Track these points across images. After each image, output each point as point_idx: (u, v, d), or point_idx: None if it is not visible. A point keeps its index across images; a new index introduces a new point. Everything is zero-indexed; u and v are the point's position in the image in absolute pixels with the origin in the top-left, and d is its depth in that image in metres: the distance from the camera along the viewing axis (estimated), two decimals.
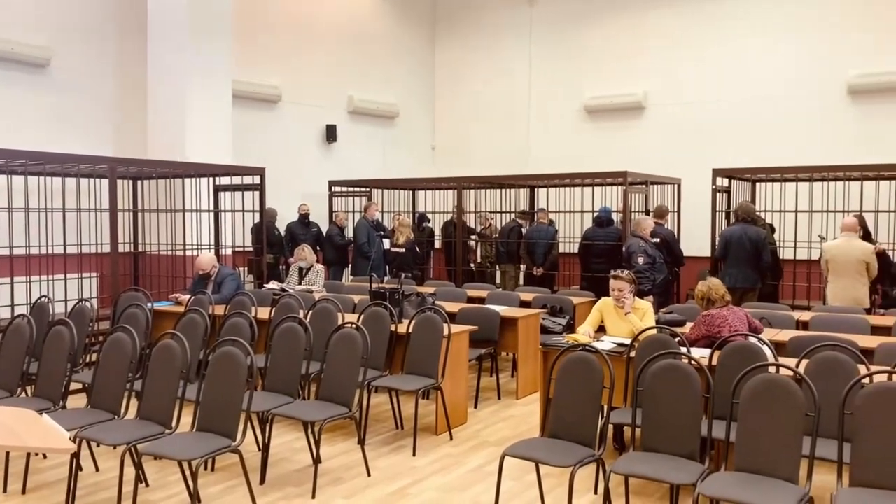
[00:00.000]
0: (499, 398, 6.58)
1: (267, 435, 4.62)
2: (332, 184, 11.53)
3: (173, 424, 4.14)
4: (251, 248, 9.19)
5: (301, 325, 4.99)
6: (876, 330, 5.87)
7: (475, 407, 6.25)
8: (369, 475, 4.67)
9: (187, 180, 8.46)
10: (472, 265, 11.13)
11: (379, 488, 4.49)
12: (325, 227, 10.91)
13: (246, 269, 9.41)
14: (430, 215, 12.03)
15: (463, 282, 9.74)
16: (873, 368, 3.90)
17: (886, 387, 3.34)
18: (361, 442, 4.83)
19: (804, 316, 6.27)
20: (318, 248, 10.44)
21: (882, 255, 7.78)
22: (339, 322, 5.54)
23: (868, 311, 6.97)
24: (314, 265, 8.19)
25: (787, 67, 10.68)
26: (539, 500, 4.19)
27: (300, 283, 8.08)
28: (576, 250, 9.66)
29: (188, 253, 8.45)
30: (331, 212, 11.40)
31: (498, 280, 10.72)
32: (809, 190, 8.42)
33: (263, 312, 6.46)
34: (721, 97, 11.18)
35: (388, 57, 13.11)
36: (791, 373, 3.64)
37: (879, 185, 8.20)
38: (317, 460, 4.53)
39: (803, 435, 3.36)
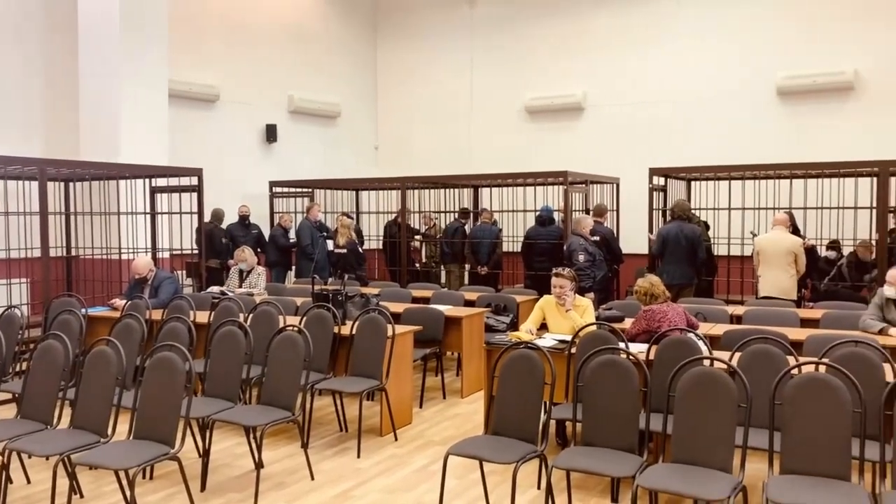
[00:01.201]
0: (444, 397, 6.60)
1: (207, 441, 4.53)
2: (272, 184, 11.39)
3: (109, 433, 4.03)
4: (191, 251, 8.99)
5: (241, 328, 4.91)
6: (805, 322, 6.09)
7: (420, 407, 6.25)
8: (313, 479, 4.63)
9: (122, 182, 8.24)
10: (416, 265, 11.14)
11: (323, 491, 4.46)
12: (265, 229, 10.76)
13: (184, 272, 9.20)
14: (375, 215, 11.97)
15: (408, 282, 9.73)
16: (801, 360, 4.04)
17: (813, 377, 3.47)
18: (305, 445, 4.78)
19: (738, 310, 6.47)
20: (259, 249, 10.30)
21: (810, 251, 8.09)
22: (281, 325, 5.48)
23: (797, 304, 7.24)
24: (255, 267, 8.07)
25: (719, 69, 11.00)
26: (483, 497, 4.22)
27: (241, 286, 7.94)
28: (519, 249, 9.76)
29: (124, 257, 8.23)
30: (272, 213, 11.26)
31: (443, 280, 10.75)
32: (742, 188, 8.69)
33: (202, 316, 6.34)
34: (657, 98, 11.44)
35: (329, 56, 13.01)
36: (724, 366, 3.76)
37: (807, 182, 8.52)
38: (259, 465, 4.47)
39: (736, 425, 3.47)
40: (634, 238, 9.72)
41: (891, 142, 9.47)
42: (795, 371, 3.62)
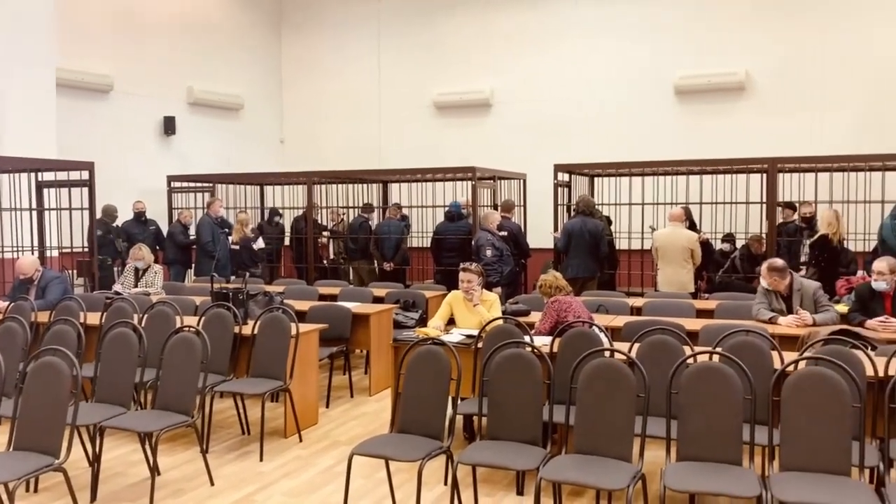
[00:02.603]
0: (352, 396, 6.50)
1: (97, 449, 4.28)
2: (171, 179, 10.93)
3: None
4: (82, 249, 8.52)
5: (134, 330, 4.67)
6: (701, 313, 6.32)
7: (327, 406, 6.13)
8: (213, 484, 4.45)
9: (4, 176, 7.71)
10: (324, 262, 10.93)
11: (223, 497, 4.29)
12: (164, 225, 10.32)
13: (75, 271, 8.71)
14: (281, 211, 11.68)
15: (316, 279, 9.55)
16: (697, 349, 4.18)
17: (706, 366, 3.59)
18: (203, 450, 4.59)
19: (638, 302, 6.66)
20: (157, 247, 9.89)
21: (705, 244, 8.42)
22: (178, 325, 5.25)
23: (694, 296, 7.52)
24: (152, 265, 7.71)
25: (623, 68, 11.32)
26: (389, 496, 4.17)
27: (137, 286, 7.58)
28: (428, 244, 9.74)
29: (7, 255, 7.71)
30: (170, 209, 10.81)
31: (351, 276, 10.59)
32: (641, 183, 8.96)
33: (94, 318, 6.01)
34: (562, 95, 11.66)
35: (230, 46, 12.60)
36: (624, 357, 3.83)
37: (703, 178, 8.86)
38: (154, 472, 4.26)
39: (636, 415, 3.54)
40: (542, 233, 9.86)
41: (779, 139, 9.99)
42: (691, 360, 3.74)
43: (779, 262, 5.73)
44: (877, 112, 10.01)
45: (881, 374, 3.82)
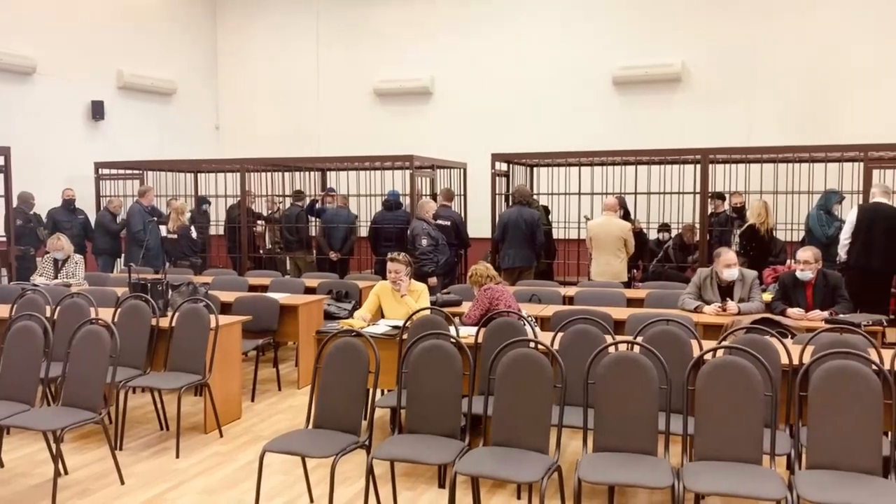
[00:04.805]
0: (279, 389, 6.34)
1: None
2: (98, 165, 10.52)
3: None
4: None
5: (39, 323, 4.44)
6: (631, 302, 6.35)
7: (252, 400, 5.96)
8: (123, 483, 4.27)
9: None
10: (260, 252, 10.68)
11: (133, 496, 4.11)
12: (91, 214, 9.95)
13: None
14: (214, 199, 11.36)
15: (252, 269, 9.31)
16: (618, 338, 4.16)
17: (623, 356, 3.56)
18: (113, 448, 4.39)
19: (570, 291, 6.64)
20: (86, 237, 9.53)
21: (639, 234, 8.48)
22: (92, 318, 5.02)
23: (627, 285, 7.56)
24: (71, 256, 7.39)
25: (563, 59, 11.31)
26: (307, 493, 4.05)
27: (56, 277, 7.27)
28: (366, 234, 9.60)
29: None
30: (98, 196, 10.42)
31: (289, 266, 10.37)
32: (579, 173, 8.96)
33: (5, 310, 5.72)
34: (502, 85, 11.61)
35: (162, 29, 12.17)
36: (543, 347, 3.78)
37: (638, 169, 8.91)
38: (58, 472, 4.05)
39: (554, 405, 3.49)
40: (482, 222, 9.79)
41: (712, 130, 10.12)
42: (611, 350, 3.70)
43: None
44: (805, 104, 10.22)
45: (796, 361, 3.85)
